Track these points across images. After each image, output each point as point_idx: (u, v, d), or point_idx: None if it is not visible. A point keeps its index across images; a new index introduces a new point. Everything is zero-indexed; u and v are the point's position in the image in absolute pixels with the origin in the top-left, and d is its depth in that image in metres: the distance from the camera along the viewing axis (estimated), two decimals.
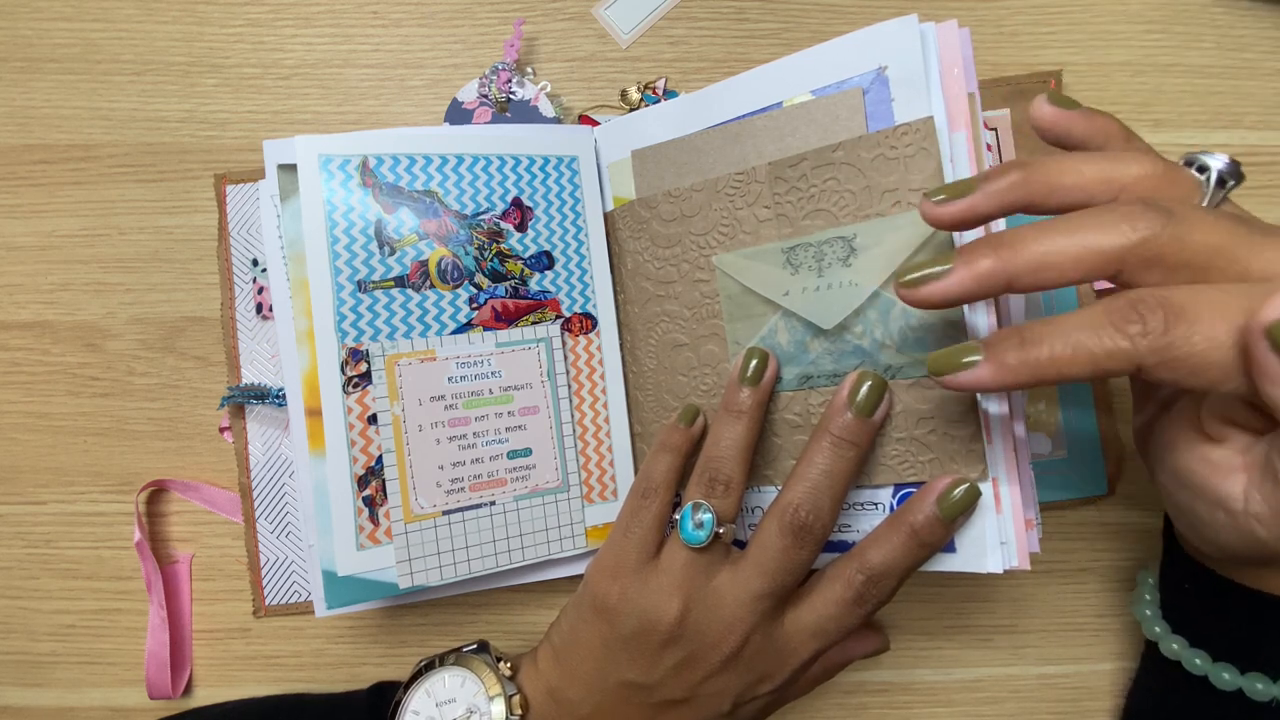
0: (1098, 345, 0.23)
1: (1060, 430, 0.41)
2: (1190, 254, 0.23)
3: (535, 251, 0.37)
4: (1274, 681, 0.30)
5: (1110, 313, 0.23)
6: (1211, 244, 0.23)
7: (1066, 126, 0.28)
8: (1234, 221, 0.23)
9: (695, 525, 0.31)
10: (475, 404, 0.36)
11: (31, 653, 0.42)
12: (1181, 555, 0.33)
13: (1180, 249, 0.23)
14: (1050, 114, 0.28)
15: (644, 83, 0.43)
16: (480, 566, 0.36)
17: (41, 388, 0.42)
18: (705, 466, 0.32)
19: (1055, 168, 0.25)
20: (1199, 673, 0.32)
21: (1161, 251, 0.23)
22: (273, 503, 0.41)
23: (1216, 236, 0.23)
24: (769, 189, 0.33)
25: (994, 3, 0.43)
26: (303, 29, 0.43)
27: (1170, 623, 0.34)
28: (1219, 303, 0.22)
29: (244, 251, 0.41)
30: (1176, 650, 0.33)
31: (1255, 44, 0.43)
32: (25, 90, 0.43)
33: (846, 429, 0.30)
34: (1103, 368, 0.23)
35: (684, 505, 0.32)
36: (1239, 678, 0.31)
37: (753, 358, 0.33)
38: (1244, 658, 0.31)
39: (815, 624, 0.31)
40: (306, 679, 0.42)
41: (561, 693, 0.33)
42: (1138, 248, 0.23)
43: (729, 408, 0.33)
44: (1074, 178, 0.25)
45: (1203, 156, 0.26)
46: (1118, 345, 0.22)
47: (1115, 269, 0.23)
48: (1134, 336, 0.22)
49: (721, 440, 0.32)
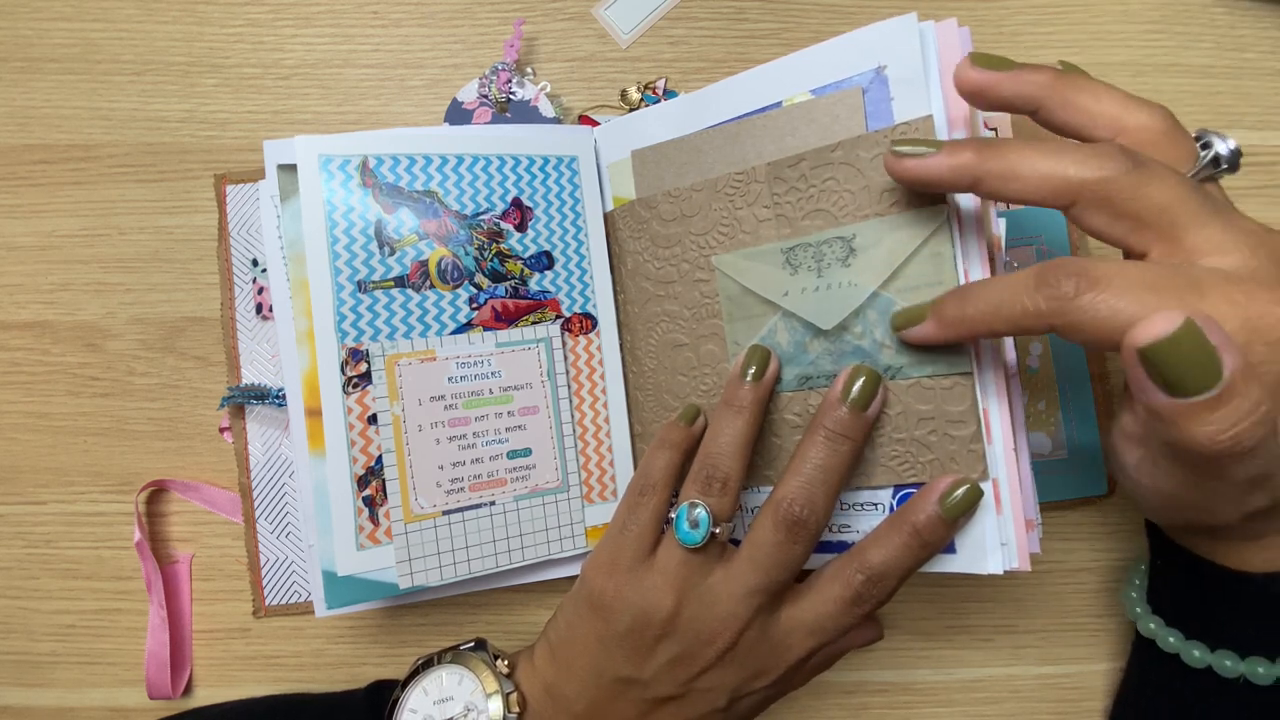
0: (1016, 304, 0.25)
1: (1060, 430, 0.41)
2: (1138, 206, 0.24)
3: (535, 251, 0.37)
4: (1242, 659, 0.31)
5: (1034, 275, 0.25)
6: (1160, 203, 0.24)
7: (996, 90, 0.28)
8: (1193, 191, 0.25)
9: (691, 525, 0.31)
10: (475, 404, 0.36)
11: (31, 653, 0.42)
12: (1161, 538, 0.34)
13: (1130, 198, 0.24)
14: (974, 79, 0.28)
15: (644, 83, 0.43)
16: (480, 566, 0.36)
17: (41, 388, 0.42)
18: (703, 463, 0.32)
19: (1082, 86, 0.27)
20: (1172, 650, 0.33)
21: (1114, 195, 0.25)
22: (273, 503, 0.41)
23: (1168, 198, 0.24)
24: (768, 189, 0.33)
25: (994, 3, 0.43)
26: (303, 29, 0.43)
27: (1153, 605, 0.35)
28: (1133, 279, 0.23)
29: (244, 251, 0.41)
30: (1153, 629, 0.34)
31: (1255, 44, 0.43)
32: (25, 90, 0.43)
33: (840, 423, 0.30)
34: (1021, 325, 0.25)
35: (680, 504, 0.32)
36: (1208, 655, 0.32)
37: (754, 354, 0.33)
38: (1214, 635, 0.32)
39: (813, 622, 0.31)
40: (306, 679, 0.42)
41: (558, 689, 0.34)
42: (1096, 184, 0.25)
43: (729, 403, 0.33)
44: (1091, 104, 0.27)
45: (1212, 135, 0.26)
46: (1035, 305, 0.24)
47: (1070, 200, 0.25)
48: (1048, 299, 0.24)
49: (720, 436, 0.32)
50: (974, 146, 0.26)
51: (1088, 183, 0.25)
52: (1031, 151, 0.26)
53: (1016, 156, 0.26)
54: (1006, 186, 0.26)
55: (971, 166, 0.26)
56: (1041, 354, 0.41)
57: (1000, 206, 0.41)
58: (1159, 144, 0.26)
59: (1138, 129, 0.26)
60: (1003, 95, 0.28)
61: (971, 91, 0.28)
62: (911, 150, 0.27)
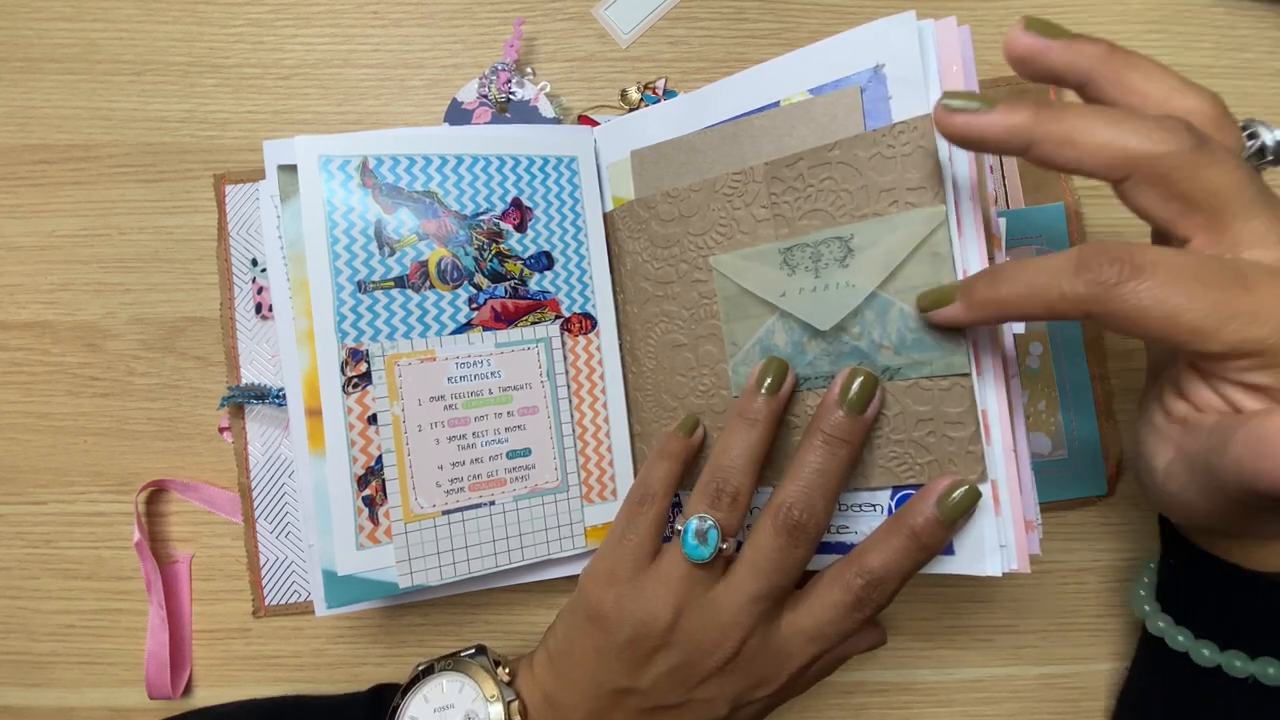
0: (1054, 289, 0.24)
1: (1060, 430, 0.41)
2: (1194, 187, 0.23)
3: (535, 252, 0.37)
4: (1252, 659, 0.31)
5: (1075, 259, 0.24)
6: (1216, 187, 0.23)
7: (1045, 58, 0.26)
8: (1250, 179, 0.24)
9: (699, 540, 0.31)
10: (475, 404, 0.36)
11: (31, 653, 0.42)
12: (1174, 535, 0.34)
13: (1188, 178, 0.23)
14: (1026, 44, 0.26)
15: (644, 83, 0.43)
16: (480, 566, 0.36)
17: (41, 388, 0.42)
18: (713, 475, 0.31)
19: (1135, 64, 0.26)
20: (1181, 649, 0.33)
21: (1172, 173, 0.23)
22: (272, 503, 0.41)
23: (1225, 182, 0.23)
24: (766, 189, 0.33)
25: (994, 2, 0.43)
26: (303, 29, 0.43)
27: (1161, 602, 0.35)
28: (1179, 269, 0.23)
29: (244, 251, 0.41)
30: (1163, 628, 0.34)
31: (1255, 44, 0.43)
32: (25, 90, 0.43)
33: (838, 427, 0.30)
34: (1056, 310, 0.24)
35: (688, 516, 0.31)
36: (1218, 654, 0.31)
37: (771, 366, 0.32)
38: (1225, 635, 0.32)
39: (814, 628, 0.31)
40: (306, 679, 0.42)
41: (557, 698, 0.33)
42: (1157, 159, 0.23)
43: (743, 414, 0.32)
44: (1142, 83, 0.25)
45: (1259, 125, 0.26)
46: (1074, 290, 0.24)
47: (1125, 172, 0.24)
48: (1088, 284, 0.23)
49: (732, 448, 0.32)
50: (1032, 106, 0.25)
51: (1148, 157, 0.24)
52: (1094, 117, 0.24)
53: (1077, 121, 0.24)
54: (1060, 152, 0.25)
55: (1028, 128, 0.25)
56: (1041, 354, 0.41)
57: (1000, 205, 0.41)
58: (1208, 127, 0.25)
59: (1187, 113, 0.25)
60: (1052, 64, 0.26)
61: (1021, 57, 0.26)
62: (964, 105, 0.25)
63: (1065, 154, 0.24)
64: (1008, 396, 0.30)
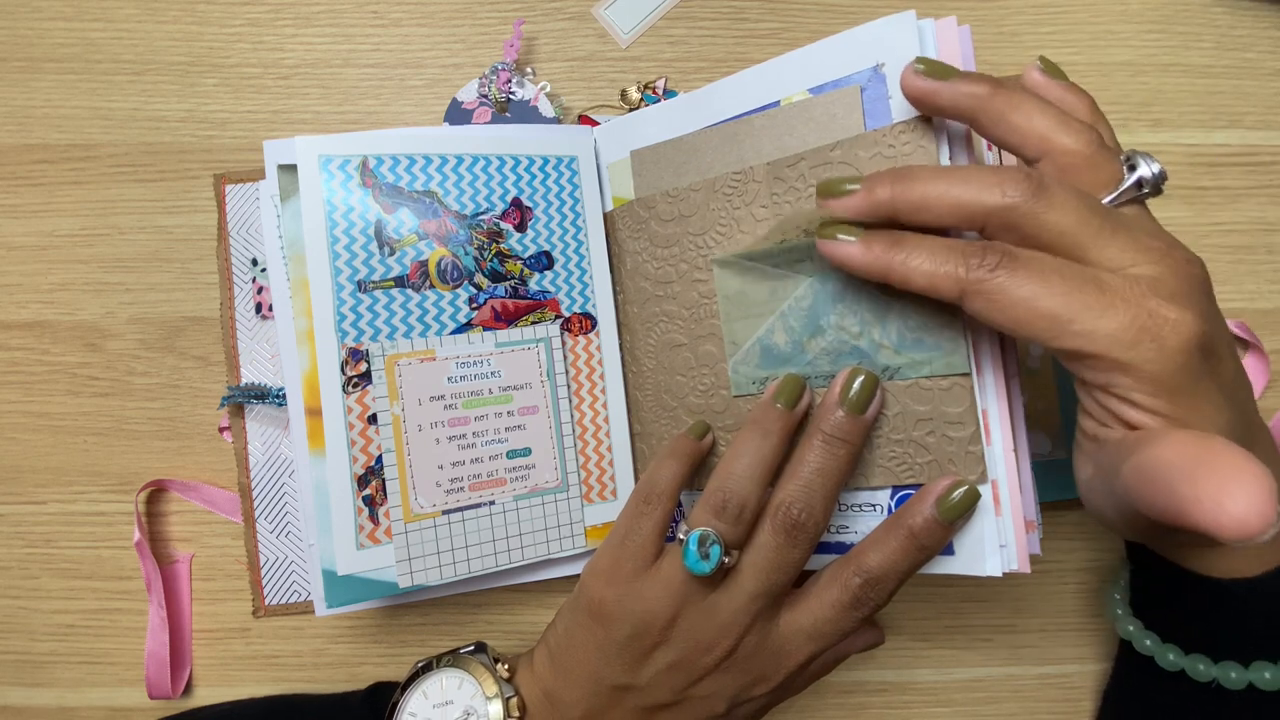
0: (935, 265, 0.26)
1: (1061, 430, 0.41)
2: (1041, 230, 0.25)
3: (535, 251, 0.37)
4: (1214, 663, 0.31)
5: (964, 244, 0.26)
6: (1062, 227, 0.25)
7: (934, 99, 0.28)
8: (1093, 213, 0.25)
9: (701, 555, 0.30)
10: (475, 404, 0.36)
11: (31, 653, 0.42)
12: (1135, 541, 0.34)
13: (1033, 223, 0.25)
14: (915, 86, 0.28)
15: (644, 83, 0.43)
16: (480, 566, 0.36)
17: (41, 388, 0.42)
18: (721, 485, 0.31)
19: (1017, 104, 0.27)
20: (1148, 654, 0.33)
21: (1018, 221, 0.25)
22: (272, 503, 0.41)
23: (1069, 221, 0.25)
24: (766, 189, 0.33)
25: (994, 2, 0.43)
26: (303, 29, 0.43)
27: (1134, 607, 0.35)
28: (1052, 268, 0.25)
29: (244, 251, 0.41)
30: (1131, 631, 0.34)
31: (1255, 44, 0.43)
32: (25, 90, 0.43)
33: (838, 427, 0.30)
34: (935, 286, 0.26)
35: (692, 527, 0.31)
36: (1182, 658, 0.32)
37: (789, 383, 0.32)
38: (1190, 639, 0.32)
39: (812, 627, 0.31)
40: (306, 679, 0.42)
41: (556, 695, 0.33)
42: (1001, 211, 0.25)
43: (757, 423, 0.32)
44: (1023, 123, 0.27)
45: (1139, 157, 0.27)
46: (952, 270, 0.26)
47: (980, 225, 0.26)
48: (969, 266, 0.25)
49: (742, 457, 0.31)
50: (889, 180, 0.27)
51: (993, 210, 0.25)
52: (942, 180, 0.26)
53: (926, 187, 0.26)
54: (922, 217, 0.27)
55: (888, 202, 0.27)
56: (1042, 354, 0.41)
57: None
58: (1083, 167, 0.26)
59: (1063, 152, 0.26)
60: (940, 104, 0.28)
61: (913, 98, 0.28)
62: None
63: (926, 218, 0.27)
64: (1008, 396, 0.30)
